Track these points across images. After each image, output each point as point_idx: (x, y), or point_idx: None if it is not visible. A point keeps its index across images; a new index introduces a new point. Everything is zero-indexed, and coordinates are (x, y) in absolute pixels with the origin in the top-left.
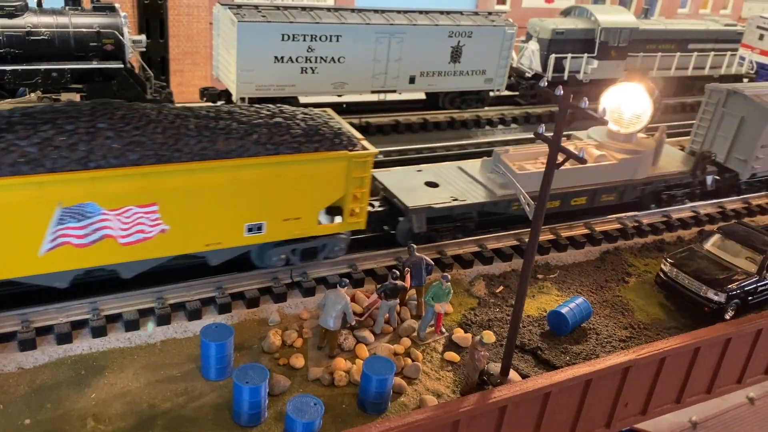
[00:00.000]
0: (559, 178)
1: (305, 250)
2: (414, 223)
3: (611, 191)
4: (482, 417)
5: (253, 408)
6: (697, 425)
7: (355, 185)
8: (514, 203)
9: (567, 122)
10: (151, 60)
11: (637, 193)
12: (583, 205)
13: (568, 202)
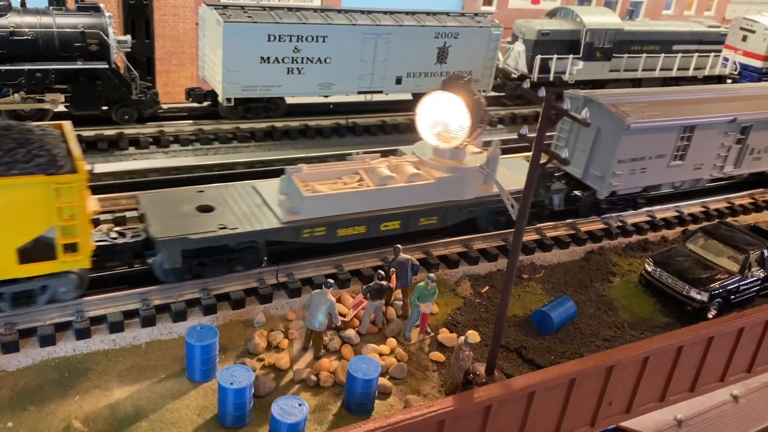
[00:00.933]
0: (363, 200)
1: (16, 294)
2: (165, 256)
3: (430, 214)
4: (467, 417)
5: (238, 409)
6: (682, 423)
7: (64, 215)
8: (304, 230)
9: (550, 123)
10: (137, 60)
11: (463, 215)
12: (398, 229)
13: (377, 227)
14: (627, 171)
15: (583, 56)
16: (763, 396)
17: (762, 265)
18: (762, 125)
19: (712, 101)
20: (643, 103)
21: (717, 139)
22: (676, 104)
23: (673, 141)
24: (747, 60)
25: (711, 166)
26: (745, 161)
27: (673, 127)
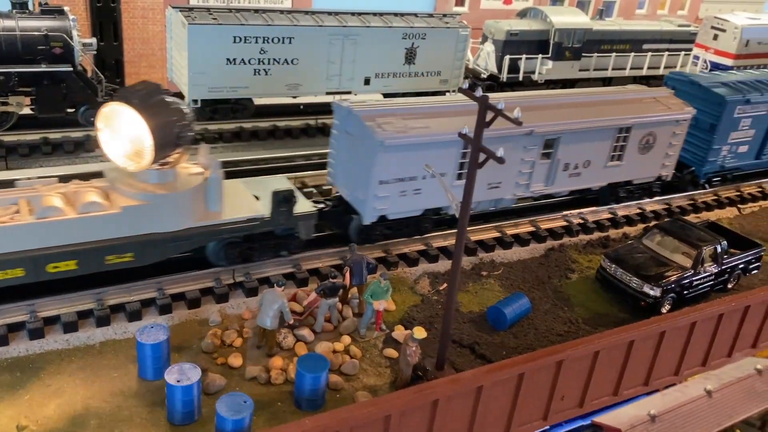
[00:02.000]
0: (14, 237)
1: None
2: None
3: (122, 250)
4: (414, 412)
5: (186, 407)
6: (656, 418)
7: None
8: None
9: (486, 123)
10: (106, 63)
11: (176, 249)
12: (76, 270)
13: (43, 269)
14: (395, 193)
15: (552, 56)
16: (736, 390)
17: (715, 261)
18: (575, 137)
19: (524, 110)
20: (416, 114)
21: (515, 154)
22: (459, 114)
23: (454, 157)
24: (718, 58)
25: (513, 185)
26: (558, 178)
27: (446, 142)
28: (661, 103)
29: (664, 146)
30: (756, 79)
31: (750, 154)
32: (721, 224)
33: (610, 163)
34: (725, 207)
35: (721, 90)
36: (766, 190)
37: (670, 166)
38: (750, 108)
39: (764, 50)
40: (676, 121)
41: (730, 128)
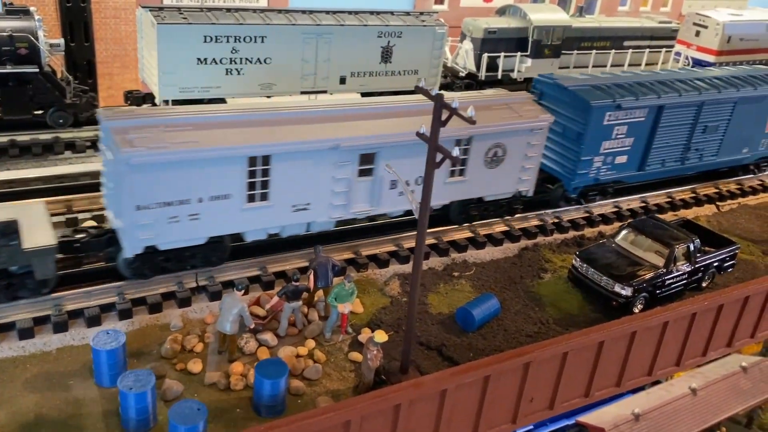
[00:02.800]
0: None
1: None
2: None
3: None
4: (375, 416)
5: (140, 414)
6: (640, 417)
7: None
8: None
9: (442, 122)
10: (77, 64)
11: None
12: None
13: None
14: (162, 219)
15: (531, 54)
16: (722, 388)
17: (688, 259)
18: (400, 151)
19: (335, 120)
20: (191, 125)
21: (321, 171)
22: (248, 125)
23: (239, 177)
24: (700, 55)
25: (326, 207)
26: (386, 198)
27: (225, 159)
28: (512, 110)
29: (519, 159)
30: (637, 81)
31: (631, 165)
32: (697, 222)
33: (451, 179)
34: (703, 204)
35: (588, 94)
36: (744, 187)
37: (528, 181)
38: (623, 114)
39: (746, 47)
40: (529, 130)
41: (600, 137)
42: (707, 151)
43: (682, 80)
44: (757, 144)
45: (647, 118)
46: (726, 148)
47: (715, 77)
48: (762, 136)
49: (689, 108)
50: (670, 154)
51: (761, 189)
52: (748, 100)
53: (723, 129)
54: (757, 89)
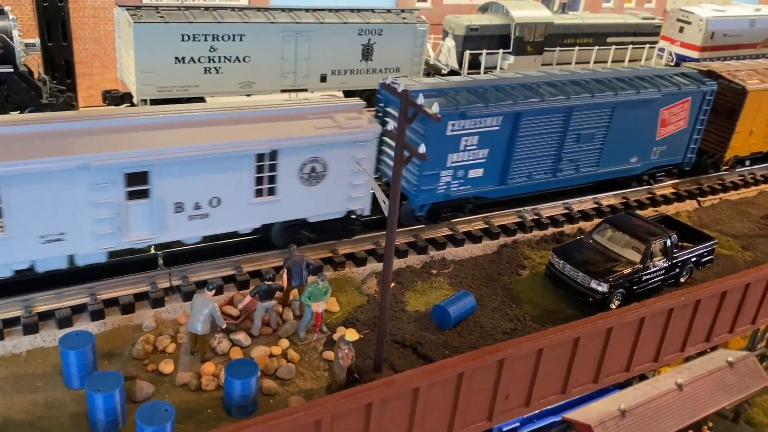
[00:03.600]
0: None
1: None
2: None
3: None
4: (346, 416)
5: (108, 415)
6: (626, 413)
7: None
8: None
9: (409, 118)
10: (55, 63)
11: None
12: None
13: None
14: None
15: (513, 51)
16: (708, 383)
17: (665, 255)
18: (179, 169)
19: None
20: None
21: (74, 195)
22: None
23: None
24: (684, 51)
25: (89, 236)
26: (173, 223)
27: None
28: (333, 120)
29: (345, 175)
30: (497, 85)
31: (490, 179)
32: (675, 218)
33: (259, 199)
34: (685, 200)
35: (427, 101)
36: (726, 182)
37: (361, 199)
38: (470, 123)
39: (730, 42)
40: (352, 143)
41: (444, 149)
42: (585, 162)
43: (561, 83)
44: (647, 152)
45: (503, 126)
46: (608, 157)
47: (597, 79)
48: (653, 144)
49: (554, 114)
50: (538, 166)
51: (742, 184)
52: (629, 104)
53: (601, 137)
54: (641, 92)
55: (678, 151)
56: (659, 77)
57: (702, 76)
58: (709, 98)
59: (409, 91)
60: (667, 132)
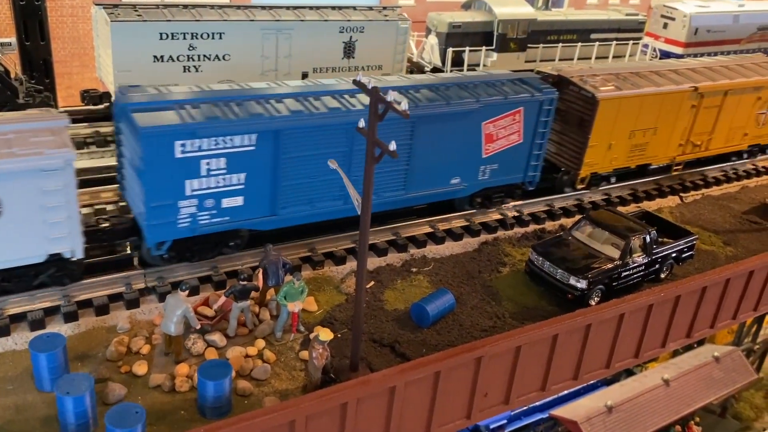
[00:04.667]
0: None
1: None
2: None
3: None
4: (321, 416)
5: (79, 418)
6: (613, 409)
7: None
8: None
9: (380, 115)
10: (33, 63)
11: None
12: None
13: None
14: None
15: (496, 48)
16: (694, 379)
17: (645, 251)
18: None
19: None
20: None
21: None
22: None
23: None
24: (668, 47)
25: None
26: None
27: None
28: (8, 143)
29: (33, 211)
30: (255, 96)
31: (255, 208)
32: (655, 213)
33: None
34: (667, 196)
35: (149, 117)
36: (708, 177)
37: (68, 237)
38: (210, 143)
39: (714, 38)
40: (37, 171)
41: (177, 174)
42: (389, 186)
43: (350, 93)
44: (473, 172)
45: (260, 146)
46: (418, 179)
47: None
48: (479, 162)
49: (330, 131)
50: (321, 193)
51: (725, 180)
52: (436, 117)
53: (404, 156)
54: (451, 104)
55: (515, 170)
56: (487, 84)
57: (542, 82)
58: (548, 108)
59: (378, 87)
60: (495, 148)
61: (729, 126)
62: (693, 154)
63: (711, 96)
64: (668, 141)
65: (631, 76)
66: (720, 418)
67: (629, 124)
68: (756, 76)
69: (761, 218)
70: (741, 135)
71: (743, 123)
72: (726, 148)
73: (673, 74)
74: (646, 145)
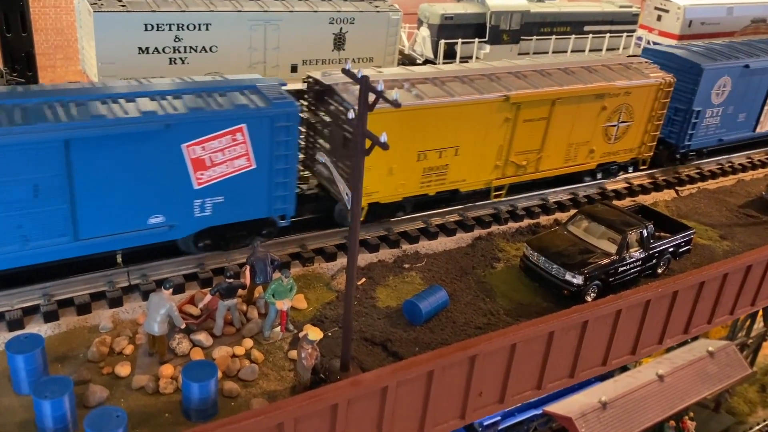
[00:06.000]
0: None
1: None
2: None
3: None
4: (310, 418)
5: (58, 422)
6: (607, 405)
7: None
8: None
9: (369, 105)
10: (15, 55)
11: None
12: None
13: None
14: None
15: (489, 40)
16: (689, 373)
17: (642, 246)
18: None
19: None
20: None
21: None
22: None
23: None
24: (662, 40)
25: None
26: None
27: None
28: None
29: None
30: None
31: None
32: (653, 207)
33: None
34: (663, 189)
35: None
36: (704, 171)
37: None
38: None
39: (708, 30)
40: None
41: None
42: (44, 232)
43: None
44: (182, 207)
45: None
46: (94, 221)
47: None
48: (191, 195)
49: None
50: None
51: (720, 173)
52: (104, 140)
53: (63, 192)
54: (125, 123)
55: (253, 203)
56: (198, 95)
57: (282, 92)
58: (285, 125)
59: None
60: (213, 176)
61: (567, 142)
62: (517, 177)
63: (531, 106)
64: (479, 162)
65: (422, 84)
66: (714, 412)
67: (415, 143)
68: (599, 81)
69: (758, 212)
70: (586, 152)
71: (587, 138)
72: (567, 168)
73: (484, 80)
74: (446, 167)
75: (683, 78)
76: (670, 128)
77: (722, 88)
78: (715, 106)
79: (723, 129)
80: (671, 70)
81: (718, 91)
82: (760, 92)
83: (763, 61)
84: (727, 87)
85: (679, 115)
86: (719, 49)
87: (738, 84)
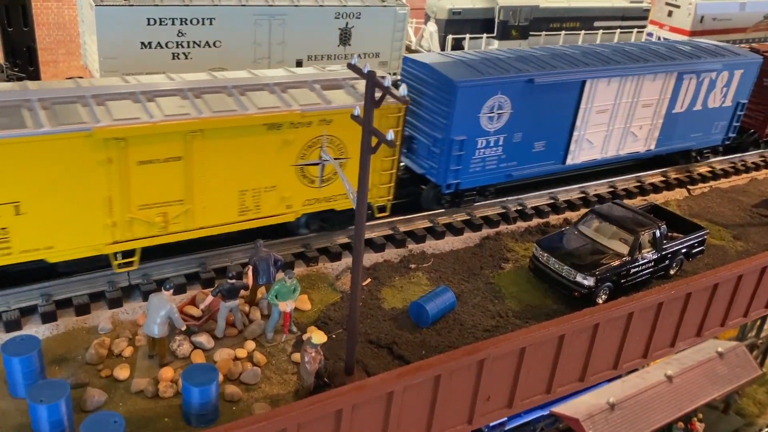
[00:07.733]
0: None
1: None
2: None
3: None
4: (314, 423)
5: (54, 427)
6: (615, 406)
7: None
8: None
9: (376, 101)
10: (16, 50)
11: None
12: None
13: None
14: None
15: (497, 35)
16: (698, 374)
17: (654, 246)
18: None
19: None
20: None
21: None
22: None
23: None
24: (673, 35)
25: None
26: None
27: None
28: None
29: None
30: None
31: None
32: (666, 207)
33: None
34: (674, 188)
35: None
36: (716, 170)
37: None
38: None
39: (719, 26)
40: None
41: None
42: None
43: None
44: None
45: None
46: None
47: None
48: None
49: None
50: None
51: (733, 172)
52: None
53: None
54: None
55: None
56: None
57: None
58: None
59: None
60: None
61: (236, 188)
62: (150, 239)
63: (148, 143)
64: (71, 221)
65: None
66: (723, 414)
67: None
68: (272, 105)
69: None
70: (277, 201)
71: (272, 182)
72: (248, 222)
73: (66, 104)
74: (5, 231)
75: (441, 98)
76: (431, 162)
77: (497, 110)
78: (490, 134)
79: (512, 162)
80: (431, 87)
81: (491, 114)
82: (562, 115)
83: (557, 75)
84: (504, 109)
85: (438, 147)
86: (494, 59)
87: (520, 105)
